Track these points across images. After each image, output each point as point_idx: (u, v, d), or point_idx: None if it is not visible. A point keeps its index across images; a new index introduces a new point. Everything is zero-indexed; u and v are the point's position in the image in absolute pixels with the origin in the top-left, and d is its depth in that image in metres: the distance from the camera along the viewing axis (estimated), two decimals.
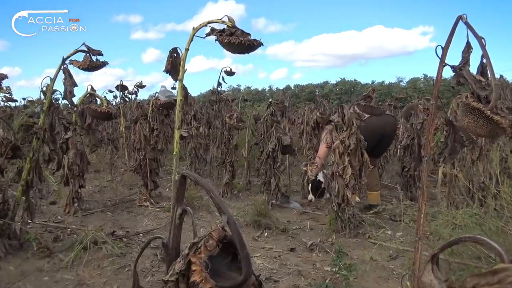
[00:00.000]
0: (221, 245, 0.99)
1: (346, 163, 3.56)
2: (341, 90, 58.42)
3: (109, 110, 3.83)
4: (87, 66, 3.07)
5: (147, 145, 4.68)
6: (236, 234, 0.95)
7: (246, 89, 66.96)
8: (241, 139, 6.73)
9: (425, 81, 51.84)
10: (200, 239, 0.98)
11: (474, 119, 1.31)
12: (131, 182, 5.65)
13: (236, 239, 0.95)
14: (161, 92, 4.81)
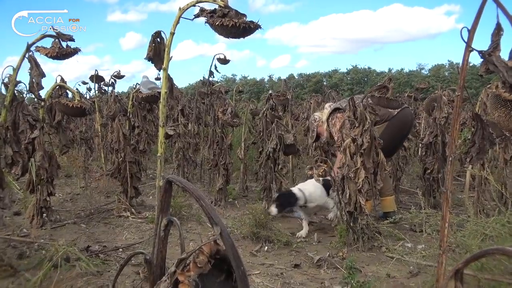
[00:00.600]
0: (213, 262, 1.00)
1: (358, 165, 3.57)
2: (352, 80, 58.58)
3: (82, 105, 3.85)
4: (56, 53, 3.09)
5: (126, 146, 4.68)
6: (231, 249, 0.95)
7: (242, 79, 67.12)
8: (236, 138, 6.76)
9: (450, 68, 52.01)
10: (189, 255, 0.99)
11: (506, 112, 1.32)
12: (109, 189, 5.65)
13: (231, 254, 0.95)
14: (143, 83, 4.81)
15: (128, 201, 4.68)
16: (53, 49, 3.09)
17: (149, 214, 4.51)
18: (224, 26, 2.44)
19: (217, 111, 5.54)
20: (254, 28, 2.50)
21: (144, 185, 6.08)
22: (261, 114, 5.18)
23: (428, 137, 4.72)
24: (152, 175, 6.89)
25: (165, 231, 1.07)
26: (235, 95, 11.17)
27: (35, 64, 3.07)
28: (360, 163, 3.58)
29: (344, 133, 3.71)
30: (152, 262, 1.09)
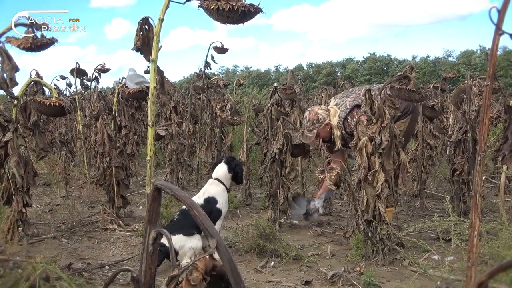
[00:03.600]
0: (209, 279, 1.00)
1: (377, 167, 3.57)
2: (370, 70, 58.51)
3: (61, 103, 3.86)
4: (29, 45, 3.10)
5: (112, 149, 4.70)
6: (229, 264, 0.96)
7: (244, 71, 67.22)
8: (237, 138, 6.78)
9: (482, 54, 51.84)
10: (181, 271, 0.99)
11: None
12: (93, 198, 5.67)
13: (229, 270, 0.96)
14: (130, 77, 4.81)
15: (115, 212, 4.70)
16: (26, 39, 3.10)
17: (138, 226, 4.53)
18: (220, 10, 2.45)
19: (215, 108, 5.56)
20: (255, 12, 2.51)
21: (133, 193, 6.10)
22: (265, 110, 5.19)
23: (456, 134, 4.72)
24: (142, 182, 6.91)
25: (154, 245, 1.08)
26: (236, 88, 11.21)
27: (7, 56, 3.09)
28: (379, 165, 3.58)
29: (360, 130, 3.71)
30: (140, 281, 1.10)
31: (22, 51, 3.24)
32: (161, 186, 1.08)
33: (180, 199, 1.05)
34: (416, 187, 5.59)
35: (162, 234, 1.08)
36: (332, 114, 4.45)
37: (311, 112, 4.50)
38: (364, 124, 3.67)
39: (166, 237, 1.06)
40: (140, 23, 2.79)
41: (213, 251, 0.98)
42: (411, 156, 5.56)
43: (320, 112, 4.48)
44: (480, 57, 50.96)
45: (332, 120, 4.43)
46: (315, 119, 4.44)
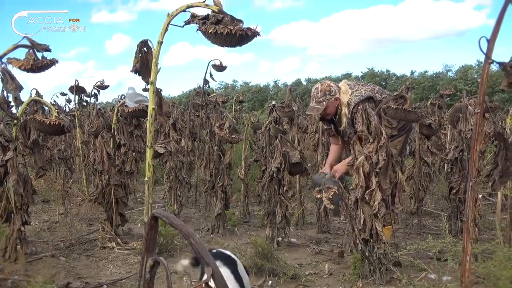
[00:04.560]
0: None
1: (374, 186, 3.59)
2: None
3: (60, 122, 3.90)
4: (30, 66, 3.15)
5: (111, 167, 4.73)
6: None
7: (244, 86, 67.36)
8: (236, 155, 6.79)
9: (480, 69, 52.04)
10: None
11: None
12: (91, 216, 5.69)
13: None
14: (129, 96, 4.85)
15: (113, 230, 4.71)
16: (27, 61, 3.15)
17: (137, 244, 4.54)
18: (218, 34, 2.49)
19: (213, 126, 5.59)
20: (252, 35, 2.56)
21: (132, 211, 6.11)
22: (263, 128, 5.22)
23: (453, 152, 4.75)
24: (141, 199, 6.92)
25: (151, 272, 1.10)
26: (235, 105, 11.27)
27: (10, 77, 3.13)
28: (376, 184, 3.60)
29: (357, 149, 3.74)
30: None
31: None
32: (158, 215, 1.11)
33: (176, 227, 1.08)
34: (413, 205, 5.61)
35: (159, 262, 1.11)
36: (343, 91, 4.32)
37: (323, 84, 4.36)
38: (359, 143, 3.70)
39: (163, 265, 1.09)
40: (139, 46, 2.83)
41: (209, 279, 1.01)
42: (408, 174, 5.58)
43: (332, 85, 4.36)
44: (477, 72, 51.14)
45: (342, 96, 4.30)
46: (327, 91, 4.27)
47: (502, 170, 1.55)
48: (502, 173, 1.55)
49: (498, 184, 1.57)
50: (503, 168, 1.55)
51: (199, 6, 2.58)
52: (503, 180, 1.56)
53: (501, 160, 1.55)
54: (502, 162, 1.55)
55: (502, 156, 1.56)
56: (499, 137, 1.58)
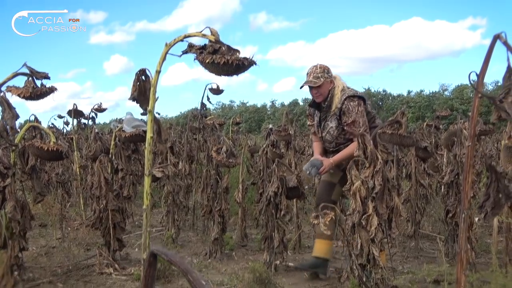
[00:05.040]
0: None
1: (370, 211, 3.61)
2: None
3: (59, 147, 3.92)
4: (29, 94, 3.18)
5: (109, 192, 4.74)
6: None
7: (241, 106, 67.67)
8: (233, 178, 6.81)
9: None
10: None
11: None
12: (89, 240, 5.67)
13: None
14: (127, 121, 4.88)
15: (111, 255, 4.70)
16: (27, 89, 3.19)
17: (134, 270, 4.53)
18: (216, 63, 2.53)
19: (210, 149, 5.62)
20: (249, 65, 2.60)
21: (129, 235, 6.10)
22: (260, 151, 5.26)
23: (448, 175, 4.78)
24: (138, 223, 6.91)
25: None
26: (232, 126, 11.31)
27: (8, 105, 3.16)
28: (372, 209, 3.62)
29: (353, 174, 3.77)
30: None
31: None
32: (157, 252, 1.13)
33: (175, 264, 1.10)
34: (410, 228, 5.63)
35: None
36: (338, 79, 4.42)
37: (322, 64, 4.40)
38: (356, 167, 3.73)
39: None
40: (137, 74, 2.87)
41: None
42: (405, 196, 5.61)
43: (330, 68, 4.42)
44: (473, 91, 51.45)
45: (337, 82, 4.37)
46: (326, 70, 4.34)
47: (494, 201, 1.57)
48: (494, 204, 1.57)
49: (491, 215, 1.59)
50: (495, 199, 1.57)
51: (197, 36, 2.62)
52: (495, 212, 1.59)
53: (493, 191, 1.58)
54: (494, 193, 1.58)
55: (493, 188, 1.59)
56: (490, 169, 1.61)
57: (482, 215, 1.60)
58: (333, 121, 4.33)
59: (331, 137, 4.41)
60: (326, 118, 4.40)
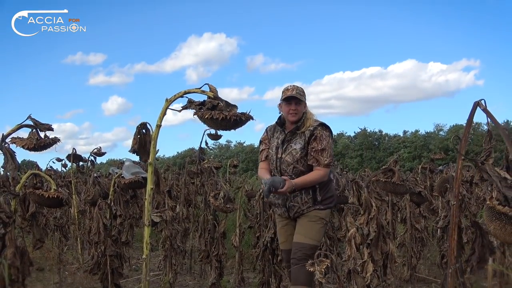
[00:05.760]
0: None
1: (365, 257, 3.67)
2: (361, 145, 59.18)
3: (59, 195, 3.99)
4: (33, 145, 3.27)
5: (107, 237, 4.79)
6: None
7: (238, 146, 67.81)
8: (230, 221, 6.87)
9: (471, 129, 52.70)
10: None
11: (501, 225, 1.48)
12: (86, 285, 5.68)
13: None
14: (126, 167, 4.97)
15: None
16: (30, 140, 3.28)
17: None
18: (214, 119, 2.64)
19: (208, 194, 5.69)
20: (246, 120, 2.71)
21: (127, 280, 6.10)
22: (257, 196, 5.34)
23: (442, 221, 4.84)
24: (136, 266, 6.92)
25: None
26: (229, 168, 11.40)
27: (11, 156, 3.25)
28: (368, 255, 3.68)
29: (348, 221, 3.84)
30: None
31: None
32: None
33: None
34: (406, 272, 5.66)
35: None
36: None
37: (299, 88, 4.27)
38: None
39: None
40: (138, 128, 2.98)
41: None
42: (400, 240, 5.66)
43: None
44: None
45: (308, 108, 4.29)
46: (304, 92, 4.26)
47: (479, 256, 1.66)
48: (479, 259, 1.65)
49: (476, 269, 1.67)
50: (480, 254, 1.66)
51: (196, 92, 2.74)
52: (480, 265, 1.67)
53: (478, 246, 1.67)
54: (479, 248, 1.66)
55: (478, 243, 1.67)
56: (475, 226, 1.69)
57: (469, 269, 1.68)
58: (299, 143, 4.15)
59: (291, 159, 4.15)
60: (291, 140, 4.20)
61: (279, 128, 4.34)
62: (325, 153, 4.08)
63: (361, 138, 60.16)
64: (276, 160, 4.24)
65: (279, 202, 4.23)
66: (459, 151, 1.62)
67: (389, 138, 60.49)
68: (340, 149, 58.38)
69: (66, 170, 10.63)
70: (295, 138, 4.20)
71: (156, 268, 6.56)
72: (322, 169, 4.08)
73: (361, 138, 60.16)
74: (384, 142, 59.73)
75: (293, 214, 4.18)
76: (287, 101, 4.18)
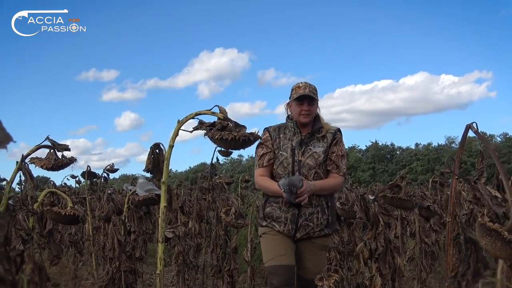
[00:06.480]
0: None
1: (374, 272, 3.76)
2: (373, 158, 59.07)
3: (75, 212, 4.12)
4: (52, 165, 3.41)
5: (121, 253, 4.90)
6: None
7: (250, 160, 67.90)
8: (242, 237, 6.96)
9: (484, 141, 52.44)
10: None
11: (492, 241, 1.58)
12: None
13: None
14: (140, 185, 5.10)
15: None
16: (49, 160, 3.41)
17: None
18: (224, 139, 2.76)
19: (220, 209, 5.81)
20: (254, 140, 2.83)
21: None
22: None
23: None
24: (149, 281, 7.03)
25: None
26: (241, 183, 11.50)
27: (30, 176, 3.38)
28: (376, 270, 3.78)
29: (356, 236, 3.94)
30: None
31: None
32: None
33: None
34: (416, 285, 5.70)
35: None
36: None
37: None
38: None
39: None
40: (152, 148, 3.11)
41: None
42: (410, 254, 5.72)
43: None
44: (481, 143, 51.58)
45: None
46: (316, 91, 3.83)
47: (474, 270, 1.75)
48: (474, 273, 1.75)
49: (472, 283, 1.77)
50: (474, 269, 1.75)
51: (206, 113, 2.86)
52: (475, 280, 1.76)
53: (473, 261, 1.76)
54: (473, 263, 1.76)
55: (473, 258, 1.77)
56: (470, 242, 1.79)
57: (464, 283, 1.77)
58: (320, 146, 3.73)
59: (314, 163, 3.69)
60: (308, 142, 3.75)
61: (292, 129, 3.82)
62: (344, 160, 3.77)
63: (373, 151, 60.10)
64: (293, 163, 3.69)
65: (287, 216, 3.66)
66: (453, 171, 1.73)
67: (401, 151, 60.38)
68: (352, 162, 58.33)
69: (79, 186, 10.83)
70: (313, 140, 3.76)
71: (169, 283, 6.65)
72: (340, 177, 3.75)
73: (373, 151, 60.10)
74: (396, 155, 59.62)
75: (301, 235, 3.69)
76: (299, 100, 3.73)
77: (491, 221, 1.61)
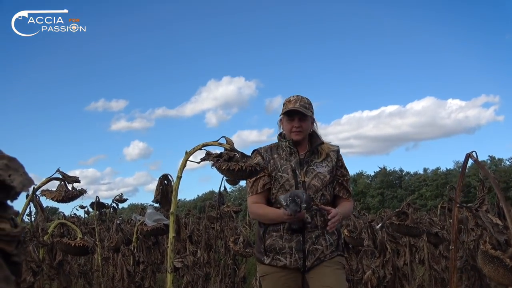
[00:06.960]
0: None
1: None
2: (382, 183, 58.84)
3: (85, 243, 4.17)
4: (62, 197, 3.47)
5: (131, 284, 4.93)
6: None
7: None
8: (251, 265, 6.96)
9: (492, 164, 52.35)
10: None
11: (494, 267, 1.61)
12: None
13: None
14: (148, 215, 5.15)
15: None
16: (59, 192, 3.47)
17: None
18: (231, 170, 2.81)
19: (228, 238, 5.83)
20: (260, 170, 2.87)
21: None
22: None
23: (459, 261, 4.92)
24: None
25: None
26: None
27: (41, 209, 3.45)
28: None
29: (364, 264, 3.95)
30: None
31: None
32: None
33: None
34: None
35: None
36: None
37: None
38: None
39: None
40: (160, 179, 3.17)
41: None
42: (419, 282, 5.69)
43: None
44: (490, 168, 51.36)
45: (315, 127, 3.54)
46: (311, 104, 3.45)
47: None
48: None
49: None
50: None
51: (213, 144, 2.92)
52: None
53: None
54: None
55: (477, 285, 1.80)
56: (473, 269, 1.82)
57: None
58: (324, 166, 3.35)
59: (320, 184, 3.29)
60: (310, 162, 3.37)
61: (288, 148, 3.41)
62: (349, 183, 3.44)
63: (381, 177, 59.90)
64: (296, 185, 3.27)
65: (291, 245, 3.22)
66: (455, 200, 1.77)
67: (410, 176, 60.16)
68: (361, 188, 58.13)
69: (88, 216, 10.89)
70: (314, 160, 3.38)
71: None
72: (352, 202, 3.47)
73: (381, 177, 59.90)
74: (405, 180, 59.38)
75: (311, 263, 3.20)
76: (289, 115, 3.35)
77: (493, 248, 1.65)
